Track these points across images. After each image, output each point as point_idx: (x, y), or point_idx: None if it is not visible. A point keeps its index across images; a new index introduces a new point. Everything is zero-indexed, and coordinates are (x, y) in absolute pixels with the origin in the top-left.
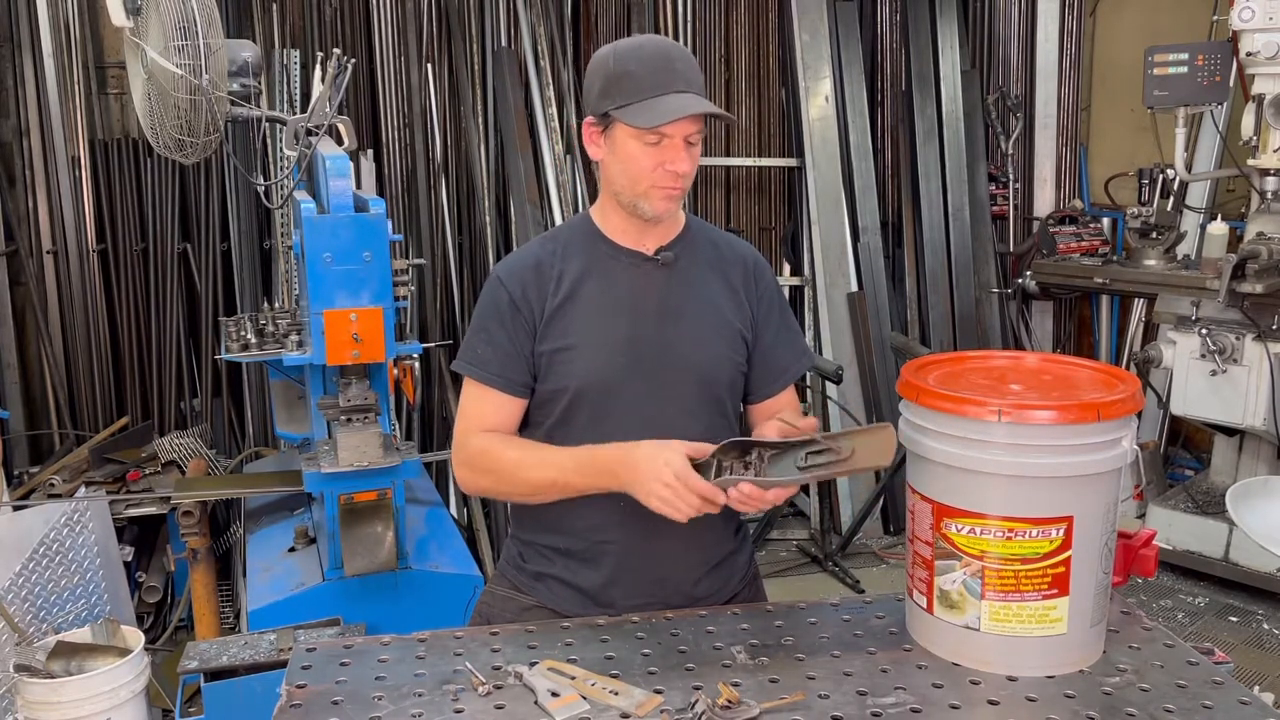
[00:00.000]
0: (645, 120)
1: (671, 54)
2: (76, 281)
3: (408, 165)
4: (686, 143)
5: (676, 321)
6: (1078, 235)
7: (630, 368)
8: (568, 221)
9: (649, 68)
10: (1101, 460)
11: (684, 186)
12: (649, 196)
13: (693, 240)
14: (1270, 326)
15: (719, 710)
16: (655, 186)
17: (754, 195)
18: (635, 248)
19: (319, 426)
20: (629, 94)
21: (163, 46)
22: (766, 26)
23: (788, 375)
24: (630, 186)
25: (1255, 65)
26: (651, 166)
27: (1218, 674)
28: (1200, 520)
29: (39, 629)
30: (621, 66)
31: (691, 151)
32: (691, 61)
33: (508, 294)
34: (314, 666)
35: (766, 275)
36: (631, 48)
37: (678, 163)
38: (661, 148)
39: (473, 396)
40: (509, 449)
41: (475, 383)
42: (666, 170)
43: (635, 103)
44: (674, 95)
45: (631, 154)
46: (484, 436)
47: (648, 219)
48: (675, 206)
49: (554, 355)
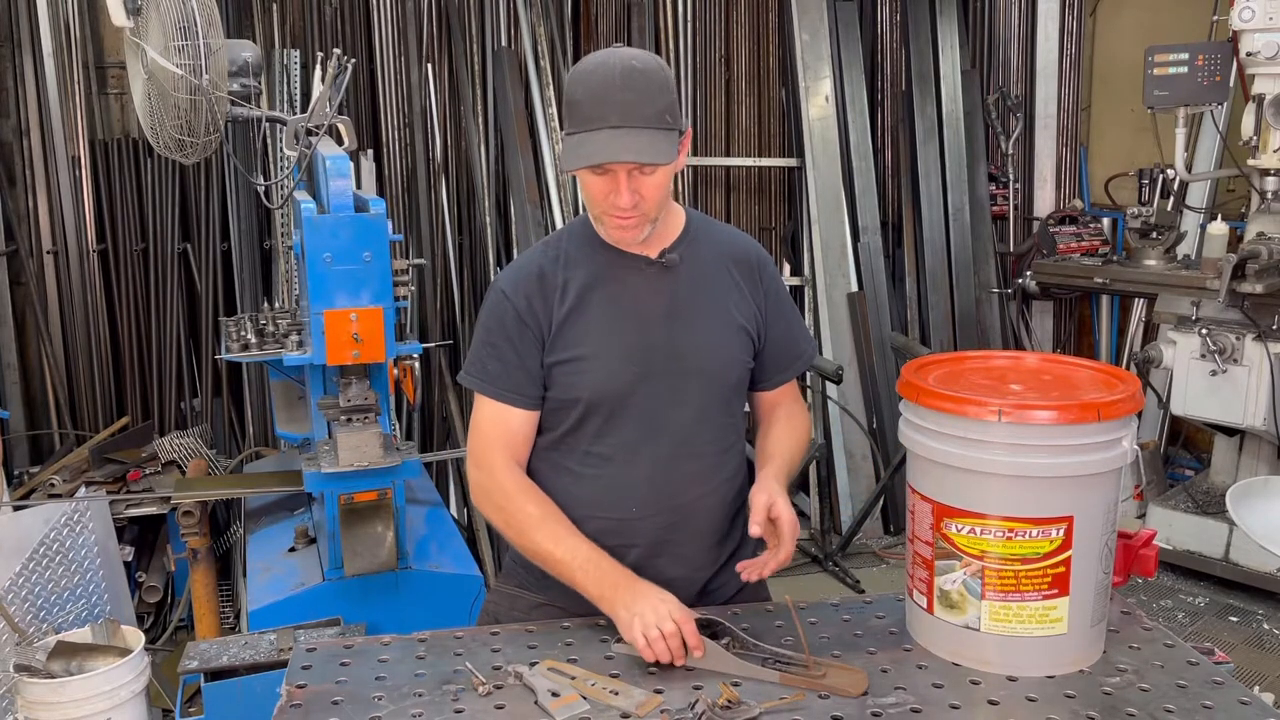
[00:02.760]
0: (568, 162)
1: (615, 81)
2: (76, 281)
3: (408, 165)
4: (635, 174)
5: (685, 324)
6: (1078, 235)
7: (641, 374)
8: (567, 226)
9: (590, 96)
10: (1101, 460)
11: (640, 215)
12: (602, 222)
13: (695, 239)
14: (1270, 326)
15: (719, 710)
16: (605, 214)
17: (754, 195)
18: (638, 252)
19: (319, 426)
20: (572, 122)
21: (163, 46)
22: (766, 26)
23: (794, 367)
24: (589, 209)
25: (1255, 65)
26: (599, 196)
27: (1218, 674)
28: (1200, 520)
29: (39, 629)
30: (571, 92)
31: (641, 182)
32: (646, 86)
33: (513, 307)
34: (314, 666)
35: (769, 267)
36: (585, 71)
37: (618, 198)
38: (606, 179)
39: (487, 413)
40: (529, 503)
41: (488, 400)
42: (610, 201)
43: (574, 134)
44: (603, 131)
45: (583, 180)
46: (510, 474)
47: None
48: (634, 235)
49: (564, 366)
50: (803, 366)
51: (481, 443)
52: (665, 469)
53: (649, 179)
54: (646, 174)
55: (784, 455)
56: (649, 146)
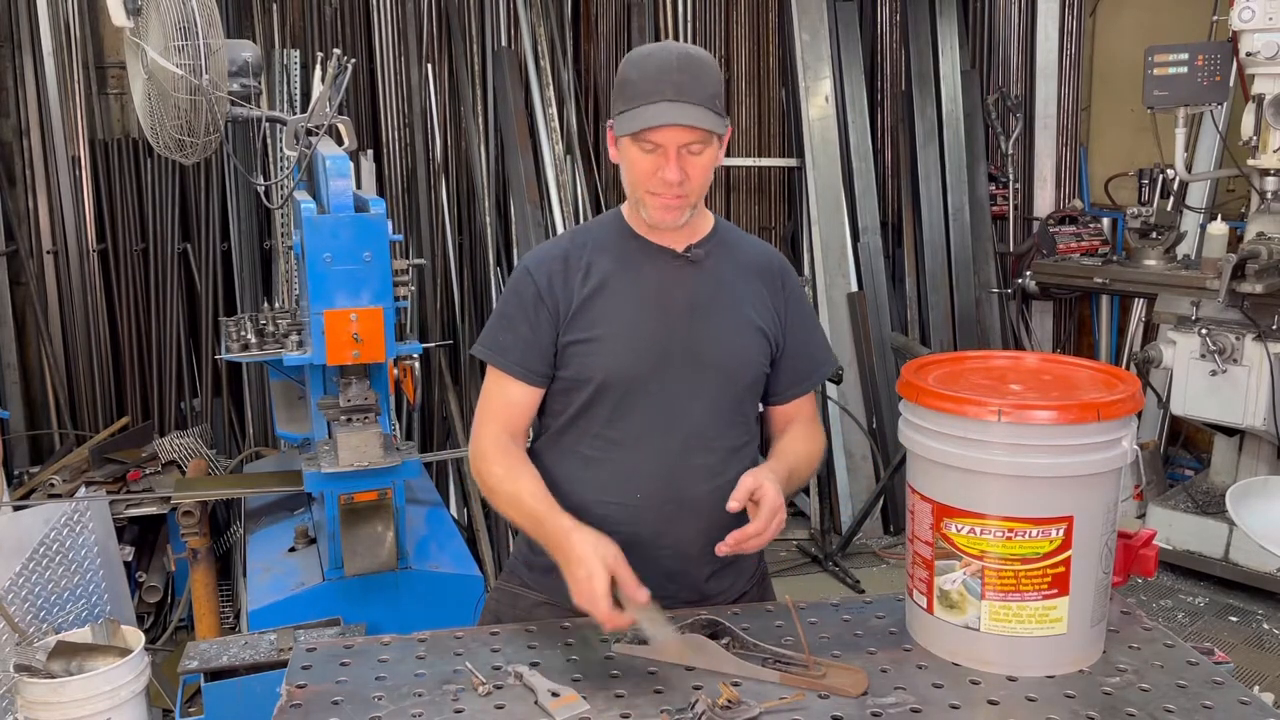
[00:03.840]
0: (624, 127)
1: (672, 62)
2: (76, 281)
3: (408, 165)
4: (683, 152)
5: (705, 318)
6: (1078, 235)
7: (656, 363)
8: (599, 218)
9: (646, 74)
10: (1101, 460)
11: (685, 196)
12: (645, 203)
13: (721, 241)
14: (1270, 326)
15: (719, 710)
16: (650, 193)
17: (754, 195)
18: (666, 244)
19: (319, 426)
20: (626, 100)
21: (163, 46)
22: (766, 26)
23: (810, 380)
24: (631, 190)
25: (1255, 65)
26: (647, 173)
27: (1218, 674)
28: (1200, 520)
29: (39, 629)
30: (625, 73)
31: (689, 161)
32: (700, 71)
33: (534, 284)
34: (314, 666)
35: (792, 279)
36: (641, 55)
37: (666, 171)
38: (656, 155)
39: (490, 384)
40: (495, 464)
41: (494, 370)
42: (658, 178)
43: (628, 110)
44: (661, 104)
45: (631, 159)
46: (490, 439)
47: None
48: (675, 217)
49: (580, 345)
50: (820, 379)
51: (481, 413)
52: (674, 460)
53: (696, 160)
54: (694, 154)
55: (789, 458)
56: (704, 118)
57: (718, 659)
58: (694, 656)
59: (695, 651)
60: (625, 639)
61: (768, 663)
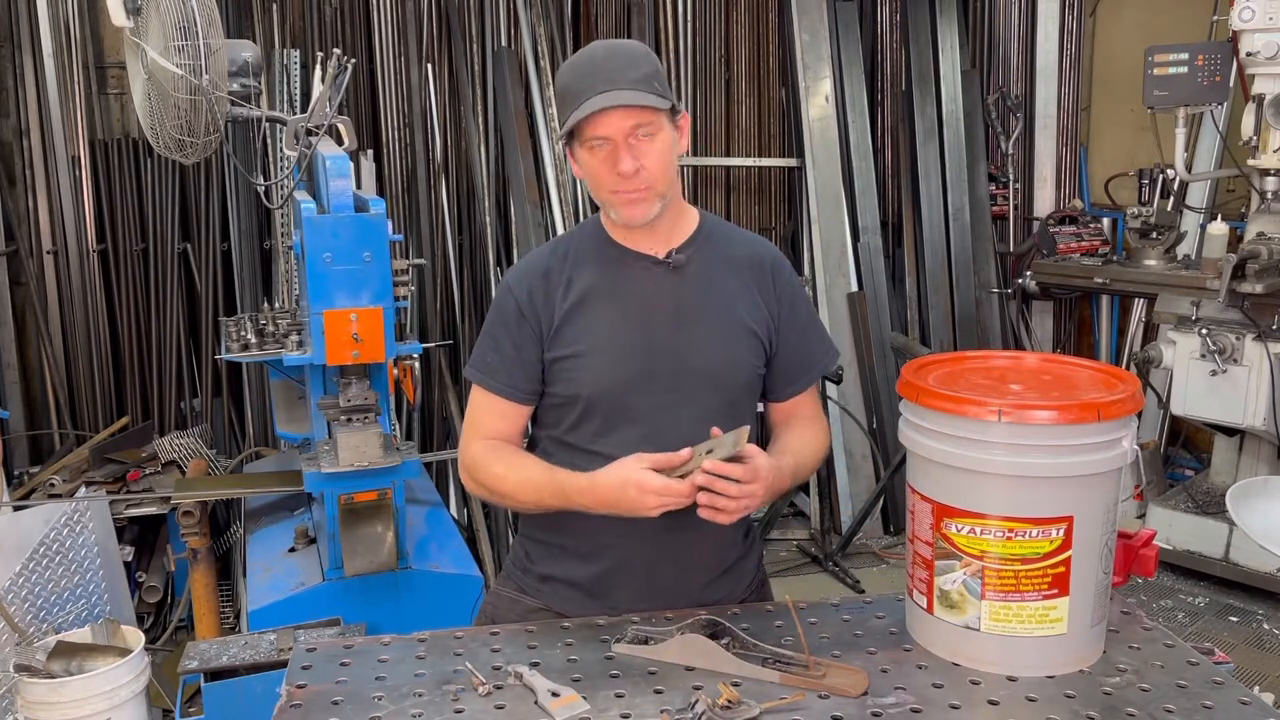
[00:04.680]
0: (569, 132)
1: (598, 56)
2: (76, 281)
3: (408, 165)
4: (632, 140)
5: (691, 325)
6: (1078, 235)
7: (643, 374)
8: (579, 226)
9: (578, 74)
10: (1101, 460)
11: (648, 186)
12: (611, 204)
13: (706, 241)
14: (1270, 326)
15: (719, 710)
16: (613, 192)
17: (754, 195)
18: (646, 251)
19: (319, 426)
20: (565, 107)
21: (163, 46)
22: (766, 26)
23: (808, 377)
24: (596, 196)
25: (1255, 65)
26: (604, 173)
27: (1218, 674)
28: (1200, 520)
29: (39, 629)
30: (560, 82)
31: (641, 148)
32: (629, 57)
33: (515, 301)
34: (314, 666)
35: (786, 272)
36: (571, 61)
37: (620, 162)
38: (607, 150)
39: (477, 403)
40: (495, 463)
41: (481, 389)
42: (615, 174)
43: (568, 115)
44: (594, 97)
45: (586, 164)
46: (480, 446)
47: (627, 227)
48: (644, 211)
49: (564, 362)
50: (818, 375)
51: (467, 432)
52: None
53: (649, 145)
54: (646, 139)
55: (790, 452)
56: (639, 98)
57: (718, 659)
58: (694, 656)
59: (695, 651)
60: (625, 639)
61: (768, 663)
